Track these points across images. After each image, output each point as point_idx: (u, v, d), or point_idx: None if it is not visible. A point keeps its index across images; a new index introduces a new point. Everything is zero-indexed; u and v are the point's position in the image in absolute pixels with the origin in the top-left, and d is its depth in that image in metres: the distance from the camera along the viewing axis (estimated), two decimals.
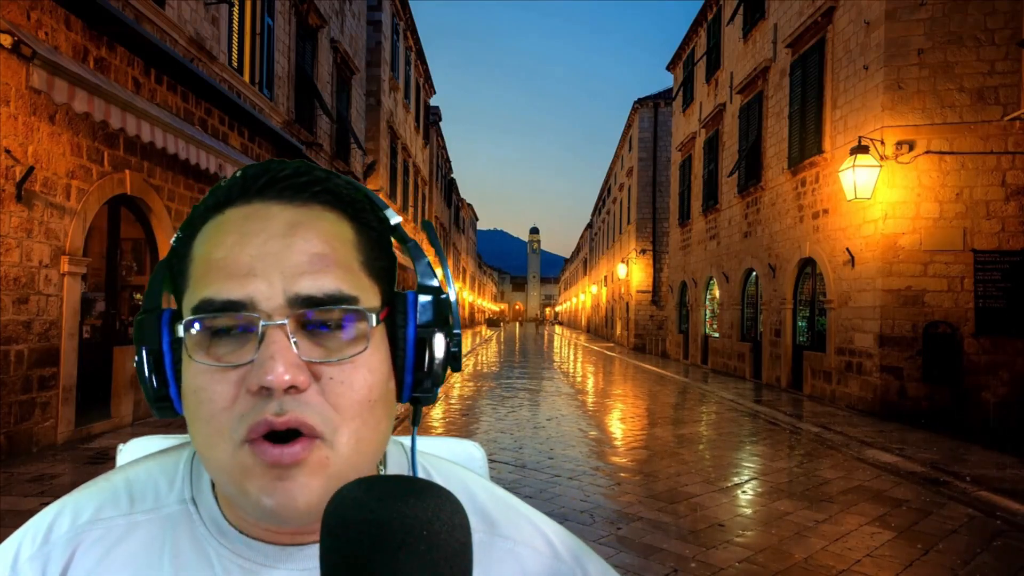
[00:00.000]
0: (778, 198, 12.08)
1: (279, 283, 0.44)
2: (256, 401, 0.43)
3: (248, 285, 0.44)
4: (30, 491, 4.52)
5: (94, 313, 6.91)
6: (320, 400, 0.44)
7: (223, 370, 0.44)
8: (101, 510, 0.51)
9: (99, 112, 5.45)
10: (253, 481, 0.43)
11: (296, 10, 11.76)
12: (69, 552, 0.49)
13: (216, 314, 0.44)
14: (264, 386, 0.42)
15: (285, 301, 0.44)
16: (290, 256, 0.45)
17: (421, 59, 25.09)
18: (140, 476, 0.53)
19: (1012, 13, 8.29)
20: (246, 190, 0.48)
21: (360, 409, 0.45)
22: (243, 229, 0.46)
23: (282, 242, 0.45)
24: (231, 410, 0.43)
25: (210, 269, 0.46)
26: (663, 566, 3.57)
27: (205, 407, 0.44)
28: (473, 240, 63.60)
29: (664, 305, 23.66)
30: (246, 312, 0.44)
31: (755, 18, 13.42)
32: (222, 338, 0.44)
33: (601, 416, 9.27)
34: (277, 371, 0.42)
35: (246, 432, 0.43)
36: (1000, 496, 4.95)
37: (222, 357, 0.44)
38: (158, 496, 0.52)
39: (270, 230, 0.46)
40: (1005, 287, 8.25)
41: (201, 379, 0.44)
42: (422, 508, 0.34)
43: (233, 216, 0.47)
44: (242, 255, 0.45)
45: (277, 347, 0.42)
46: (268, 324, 0.43)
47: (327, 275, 0.45)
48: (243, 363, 0.43)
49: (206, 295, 0.45)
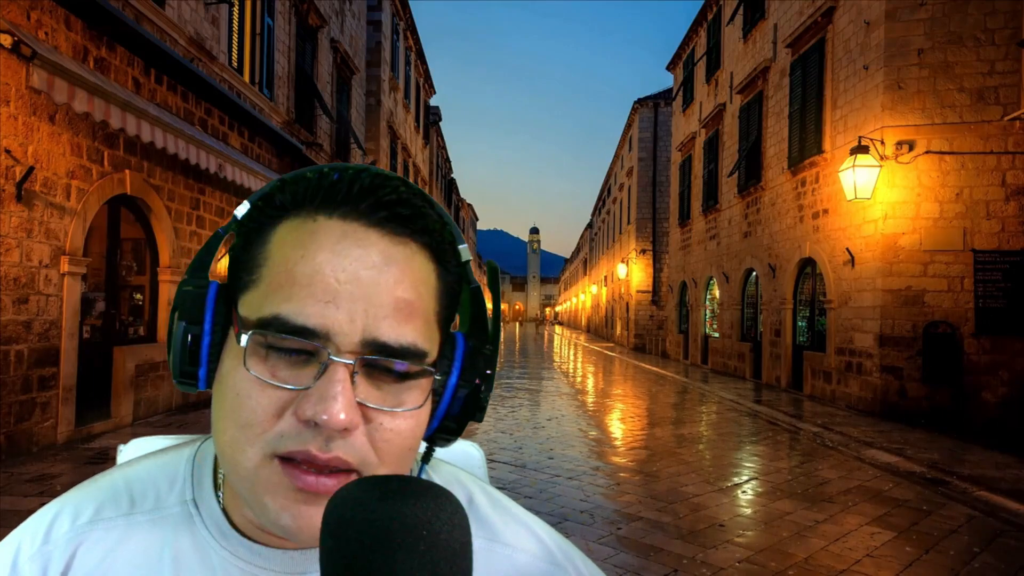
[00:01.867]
0: (778, 198, 12.08)
1: (360, 320, 0.42)
2: (302, 428, 0.42)
3: (329, 315, 0.42)
4: (30, 491, 4.52)
5: (94, 313, 6.91)
6: (365, 442, 0.43)
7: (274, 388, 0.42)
8: (101, 510, 0.50)
9: (99, 112, 5.45)
10: (275, 498, 0.42)
11: (296, 10, 11.76)
12: (70, 552, 0.48)
13: (287, 336, 0.42)
14: (316, 421, 0.41)
15: (361, 341, 0.42)
16: (378, 294, 0.43)
17: (421, 59, 25.08)
18: (140, 475, 0.52)
19: (1012, 13, 8.29)
20: (348, 202, 0.44)
21: (400, 455, 0.45)
22: (336, 248, 0.43)
23: (374, 276, 0.43)
24: (272, 424, 0.42)
25: (291, 282, 0.43)
26: (663, 566, 3.57)
27: (244, 413, 0.43)
28: (473, 240, 63.60)
29: (664, 305, 23.66)
30: (318, 341, 0.42)
31: (755, 18, 13.42)
32: (282, 354, 0.43)
33: (601, 416, 9.26)
34: (334, 411, 0.40)
35: (284, 451, 0.42)
36: (1000, 496, 4.95)
37: (277, 374, 0.42)
38: (159, 496, 0.51)
39: (365, 260, 0.43)
40: (1005, 287, 8.25)
41: (249, 387, 0.43)
42: (422, 508, 0.34)
43: (328, 229, 0.44)
44: (330, 278, 0.42)
45: (341, 386, 0.41)
46: (336, 360, 0.41)
47: (408, 325, 0.44)
48: (298, 387, 0.42)
49: (282, 312, 0.42)
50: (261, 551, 0.48)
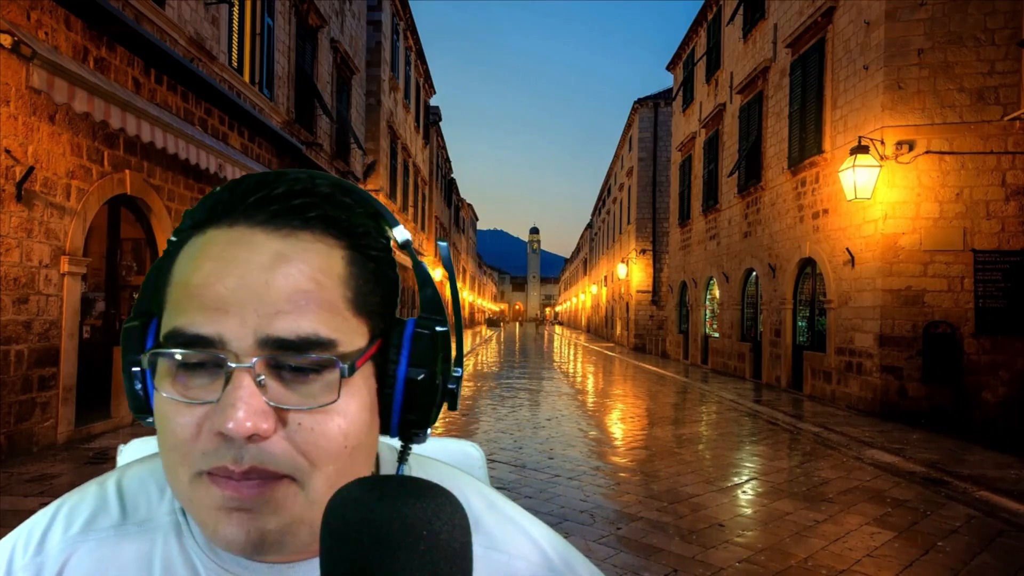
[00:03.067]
0: (778, 198, 12.08)
1: (252, 321, 0.41)
2: (219, 443, 0.41)
3: (220, 321, 0.41)
4: (30, 491, 4.52)
5: (94, 313, 6.91)
6: (286, 447, 0.42)
7: (188, 405, 0.42)
8: (93, 520, 0.50)
9: (99, 112, 5.45)
10: (209, 513, 0.42)
11: (296, 10, 11.76)
12: (60, 563, 0.48)
13: (184, 349, 0.42)
14: (223, 433, 0.40)
15: (256, 342, 0.41)
16: (268, 292, 0.42)
17: (421, 59, 25.08)
18: (133, 483, 0.52)
19: (1012, 13, 8.29)
20: (233, 208, 0.44)
21: (335, 457, 0.43)
22: (223, 256, 0.43)
23: (263, 276, 0.42)
24: (193, 444, 0.42)
25: (185, 296, 0.43)
26: (663, 566, 3.57)
27: (169, 436, 0.43)
28: (473, 240, 63.58)
29: (664, 305, 23.66)
30: (214, 350, 0.41)
31: (755, 18, 13.42)
32: (194, 369, 0.42)
33: (601, 416, 9.26)
34: (237, 418, 0.39)
35: (207, 467, 0.42)
36: (1000, 496, 4.95)
37: (189, 390, 0.42)
38: (150, 506, 0.51)
39: (252, 261, 0.42)
40: (1005, 287, 8.25)
41: (166, 409, 0.43)
42: (422, 508, 0.34)
43: (216, 239, 0.44)
44: (218, 285, 0.42)
45: (241, 392, 0.40)
46: (235, 366, 0.41)
47: (306, 316, 0.42)
48: (208, 401, 0.41)
49: (177, 325, 0.42)
50: (248, 564, 0.47)
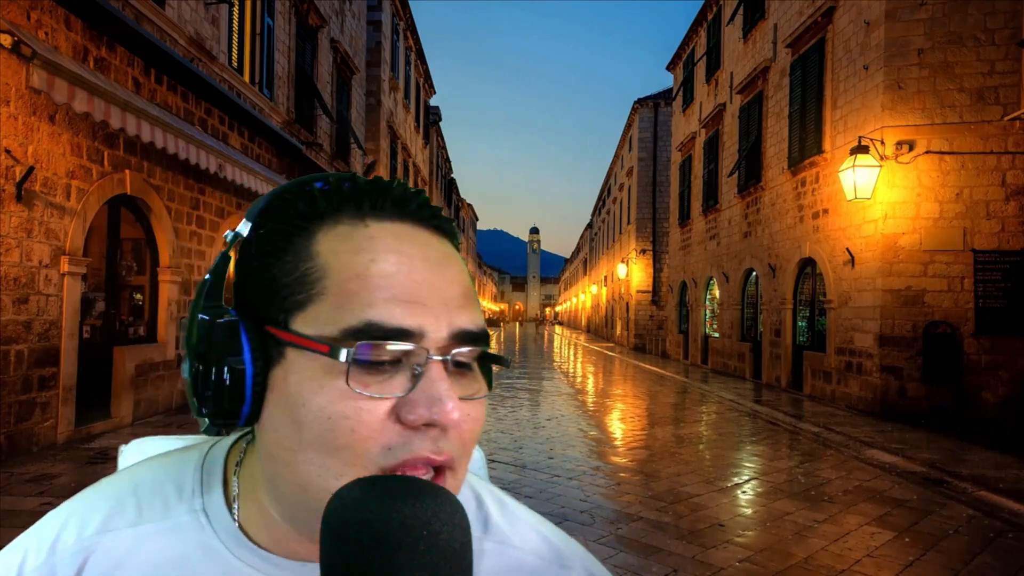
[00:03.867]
0: (778, 198, 12.08)
1: (444, 316, 0.43)
2: (411, 436, 0.41)
3: (418, 314, 0.42)
4: (30, 491, 4.52)
5: (94, 313, 6.91)
6: (457, 436, 0.43)
7: (370, 399, 0.41)
8: (109, 520, 0.48)
9: (99, 112, 5.45)
10: None
11: (296, 10, 11.76)
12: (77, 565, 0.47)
13: (383, 341, 0.41)
14: (432, 423, 0.41)
15: (448, 335, 0.43)
16: (448, 287, 0.44)
17: (421, 59, 25.08)
18: (147, 482, 0.51)
19: (1012, 13, 8.29)
20: (393, 206, 0.46)
21: (474, 444, 0.46)
22: (401, 249, 0.43)
23: (440, 271, 0.44)
24: (375, 441, 0.41)
25: (368, 287, 0.42)
26: (663, 566, 3.57)
27: (343, 436, 0.40)
28: (473, 240, 63.58)
29: (664, 305, 23.66)
30: (413, 341, 0.41)
31: (755, 18, 13.42)
32: (372, 367, 0.41)
33: (601, 416, 9.26)
34: (447, 408, 0.41)
35: (394, 464, 0.41)
36: (1000, 496, 4.96)
37: (369, 386, 0.41)
38: (167, 505, 0.49)
39: (429, 257, 0.44)
40: (1005, 287, 8.25)
41: (345, 406, 0.40)
42: (422, 508, 0.34)
43: (384, 232, 0.44)
44: (407, 279, 0.42)
45: (446, 385, 0.41)
46: (437, 358, 0.42)
47: (476, 311, 0.46)
48: (396, 394, 0.41)
49: (373, 318, 0.41)
50: (279, 562, 0.47)
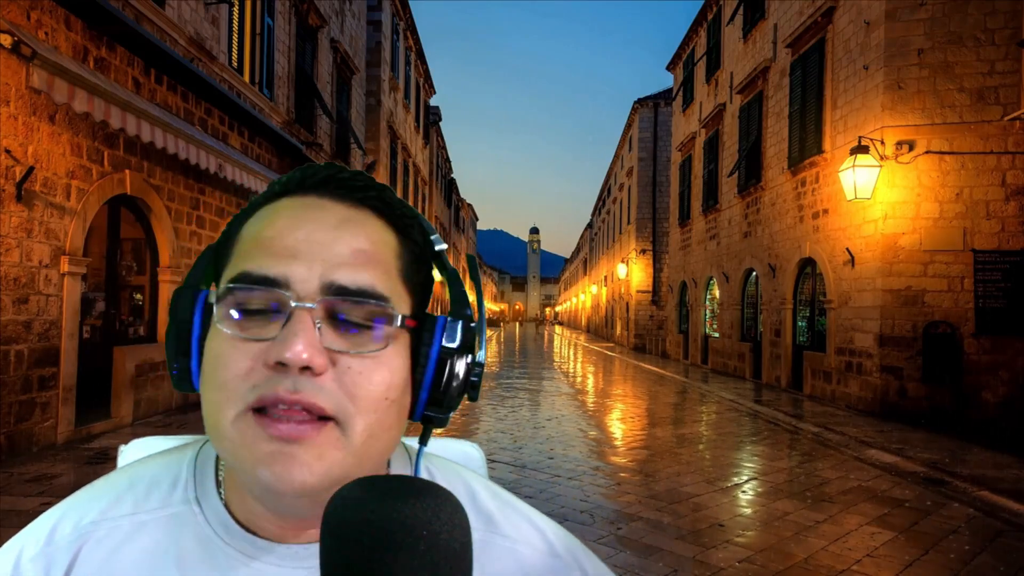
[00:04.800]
0: (778, 198, 12.08)
1: (318, 269, 0.45)
2: (271, 375, 0.43)
3: (288, 265, 0.45)
4: (30, 491, 4.52)
5: (94, 313, 6.91)
6: (335, 387, 0.44)
7: (245, 342, 0.44)
8: (106, 510, 0.50)
9: (99, 112, 5.45)
10: (251, 451, 0.43)
11: (296, 10, 11.76)
12: (73, 552, 0.49)
13: (251, 287, 0.45)
14: (281, 361, 0.42)
15: (319, 287, 0.45)
16: (335, 247, 0.46)
17: (421, 59, 25.08)
18: (143, 476, 0.53)
19: (1012, 13, 8.29)
20: (303, 183, 0.50)
21: (376, 404, 0.46)
22: (296, 215, 0.48)
23: (331, 234, 0.47)
24: (245, 379, 0.44)
25: (256, 246, 0.47)
26: (663, 566, 3.57)
27: (220, 372, 0.45)
28: (473, 240, 63.56)
29: (664, 305, 23.65)
30: (280, 289, 0.44)
31: (755, 18, 13.42)
32: (252, 316, 0.45)
33: (601, 416, 9.26)
34: (296, 348, 0.42)
35: (255, 400, 0.43)
36: (1000, 496, 4.95)
37: (247, 329, 0.45)
38: (163, 495, 0.51)
39: (322, 220, 0.47)
40: (1005, 287, 8.25)
41: (223, 346, 0.45)
42: (422, 508, 0.34)
43: (289, 203, 0.49)
44: (289, 237, 0.46)
45: (301, 326, 0.43)
46: (298, 305, 0.44)
47: (365, 271, 0.46)
48: (266, 338, 0.44)
49: (245, 268, 0.46)
50: (265, 545, 0.48)
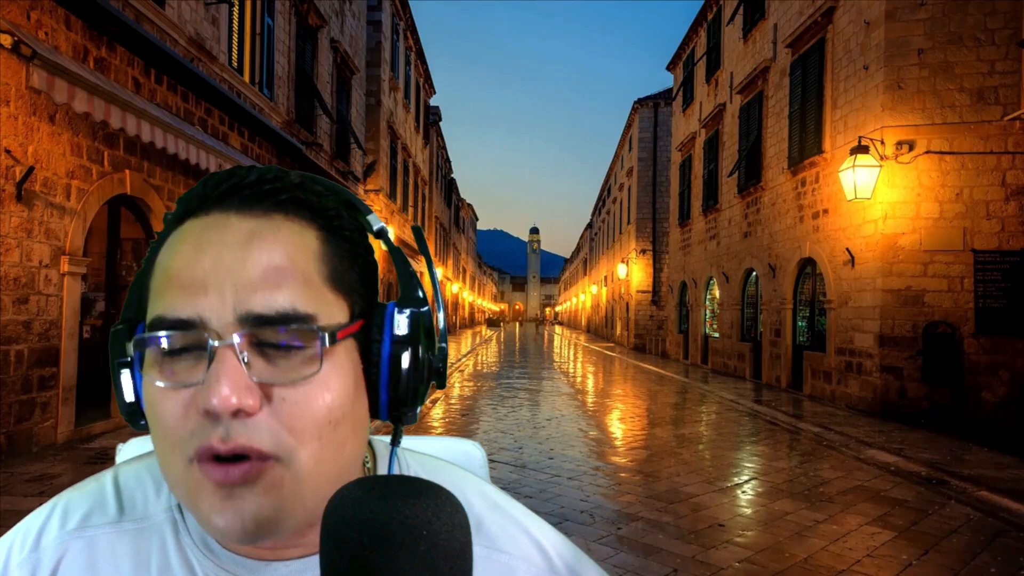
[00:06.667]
0: (778, 198, 12.08)
1: (230, 299, 0.42)
2: (205, 422, 0.41)
3: (199, 302, 0.42)
4: (30, 491, 4.52)
5: (94, 313, 6.91)
6: (272, 423, 0.42)
7: (175, 389, 0.42)
8: (89, 517, 0.50)
9: (99, 112, 5.44)
10: (203, 500, 0.42)
11: (296, 10, 11.76)
12: (56, 559, 0.48)
13: (168, 332, 0.42)
14: (208, 410, 0.40)
15: (235, 319, 0.42)
16: (244, 270, 0.43)
17: (421, 59, 25.08)
18: (130, 480, 0.52)
19: (1012, 13, 8.29)
20: (205, 199, 0.46)
21: (319, 431, 0.43)
22: (199, 239, 0.44)
23: (237, 254, 0.43)
24: (182, 427, 0.42)
25: (165, 283, 0.44)
26: (663, 566, 3.57)
27: (159, 423, 0.43)
28: (473, 240, 63.58)
29: (664, 305, 23.65)
30: (196, 331, 0.42)
31: (755, 18, 13.42)
32: (179, 355, 0.43)
33: (601, 416, 9.26)
34: (223, 394, 0.40)
35: (193, 452, 0.41)
36: (1000, 496, 4.95)
37: (176, 374, 0.43)
38: (147, 503, 0.51)
39: (225, 240, 0.44)
40: (1005, 287, 8.25)
41: (155, 396, 0.43)
42: (422, 508, 0.34)
43: (191, 227, 0.46)
44: (196, 268, 0.43)
45: (224, 368, 0.41)
46: (218, 344, 0.41)
47: (281, 291, 0.43)
48: (194, 383, 0.42)
49: (159, 312, 0.43)
50: (242, 561, 0.47)
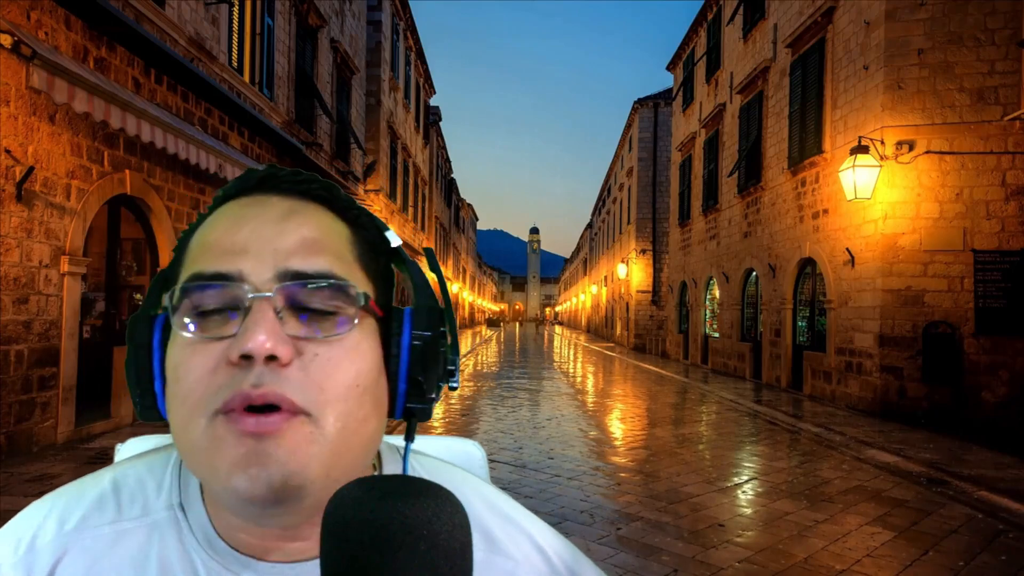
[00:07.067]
0: (778, 198, 12.08)
1: (270, 259, 0.44)
2: (235, 372, 0.41)
3: (239, 260, 0.44)
4: (30, 491, 4.52)
5: (94, 313, 6.91)
6: (303, 376, 0.42)
7: (205, 343, 0.43)
8: (88, 517, 0.49)
9: (99, 112, 5.44)
10: (225, 455, 0.41)
11: (296, 10, 11.76)
12: (53, 561, 0.47)
13: (205, 284, 0.43)
14: (244, 354, 0.41)
15: (275, 275, 0.44)
16: (283, 238, 0.45)
17: (421, 59, 25.08)
18: (129, 479, 0.51)
19: (1012, 13, 8.29)
20: (244, 186, 0.50)
21: (347, 392, 0.44)
22: (239, 214, 0.47)
23: (277, 227, 0.46)
24: (209, 383, 0.42)
25: (202, 251, 0.46)
26: (663, 566, 3.57)
27: (183, 383, 0.43)
28: (473, 240, 63.58)
29: (664, 305, 23.65)
30: (234, 283, 0.43)
31: (755, 18, 13.42)
32: (209, 316, 0.44)
33: (601, 416, 9.26)
34: (258, 339, 0.40)
35: (222, 403, 0.41)
36: (1000, 496, 4.96)
37: (208, 329, 0.43)
38: (146, 501, 0.50)
39: (266, 215, 0.46)
40: (1005, 287, 8.25)
41: (183, 352, 0.43)
42: (422, 508, 0.34)
43: (231, 207, 0.49)
44: (237, 235, 0.45)
45: (261, 316, 0.42)
46: (255, 296, 0.43)
47: (319, 257, 0.45)
48: (227, 335, 0.42)
49: (196, 269, 0.45)
50: (247, 561, 0.47)
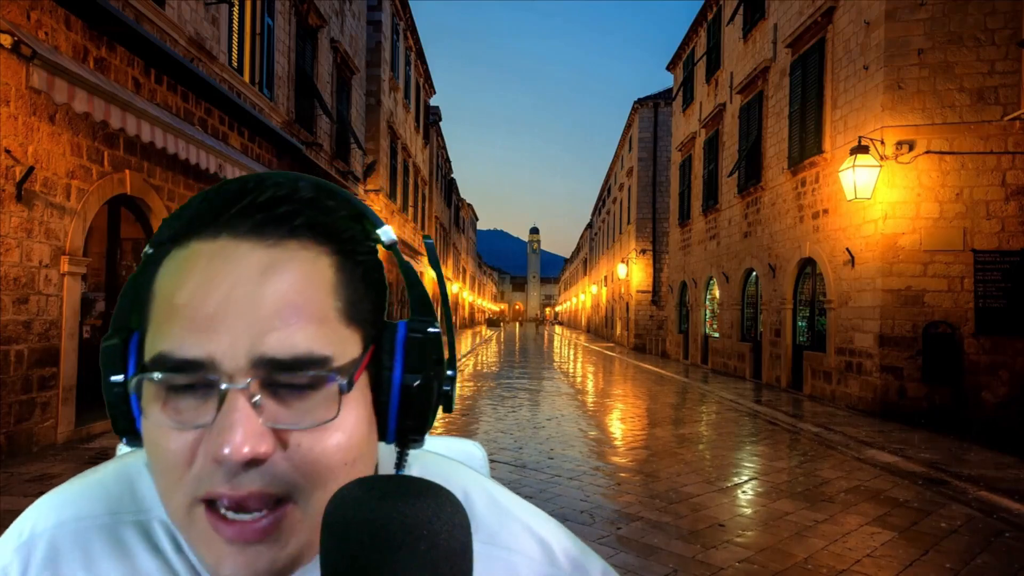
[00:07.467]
0: (778, 198, 12.08)
1: (244, 339, 0.39)
2: (215, 468, 0.39)
3: (209, 341, 0.40)
4: (30, 491, 4.52)
5: (94, 313, 6.91)
6: (287, 467, 0.40)
7: (179, 431, 0.40)
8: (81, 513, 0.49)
9: (99, 112, 5.44)
10: (209, 549, 0.40)
11: (296, 10, 11.76)
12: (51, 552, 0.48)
13: (173, 373, 0.40)
14: (219, 460, 0.38)
15: (248, 362, 0.39)
16: (258, 309, 0.40)
17: (421, 59, 25.08)
18: (122, 476, 0.51)
19: (1012, 13, 8.29)
20: (216, 218, 0.42)
21: (335, 473, 0.42)
22: (208, 270, 0.41)
23: (251, 290, 0.40)
24: (186, 469, 0.40)
25: (170, 316, 0.41)
26: (663, 566, 3.57)
27: (160, 461, 0.41)
28: (473, 240, 63.59)
29: (664, 305, 23.65)
30: (205, 372, 0.40)
31: (755, 18, 13.42)
32: (183, 391, 0.40)
33: (601, 416, 9.26)
34: (235, 442, 0.38)
35: (204, 493, 0.40)
36: (1000, 496, 4.95)
37: (181, 413, 0.40)
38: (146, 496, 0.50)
39: (238, 274, 0.41)
40: (1005, 287, 8.25)
41: (157, 434, 0.41)
42: (423, 508, 0.34)
43: (198, 253, 0.42)
44: (206, 303, 0.40)
45: (238, 415, 0.38)
46: (229, 387, 0.39)
47: (298, 332, 0.40)
48: (201, 424, 0.40)
49: (163, 348, 0.40)
50: None
